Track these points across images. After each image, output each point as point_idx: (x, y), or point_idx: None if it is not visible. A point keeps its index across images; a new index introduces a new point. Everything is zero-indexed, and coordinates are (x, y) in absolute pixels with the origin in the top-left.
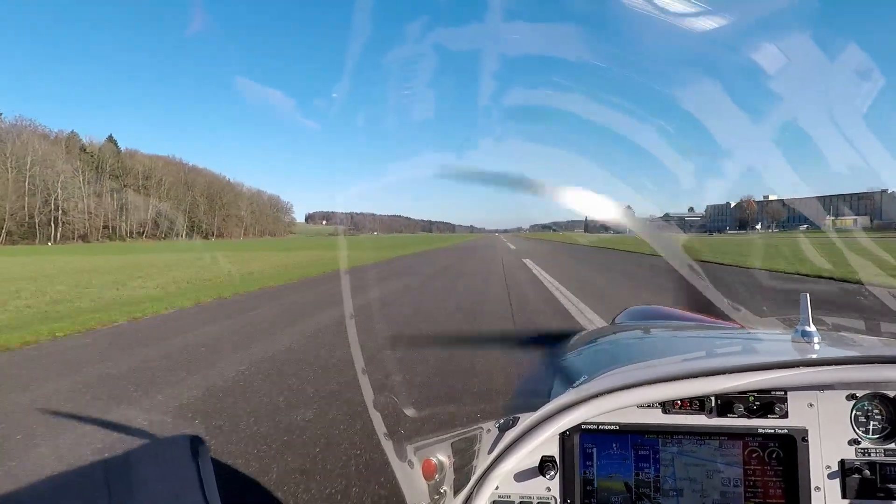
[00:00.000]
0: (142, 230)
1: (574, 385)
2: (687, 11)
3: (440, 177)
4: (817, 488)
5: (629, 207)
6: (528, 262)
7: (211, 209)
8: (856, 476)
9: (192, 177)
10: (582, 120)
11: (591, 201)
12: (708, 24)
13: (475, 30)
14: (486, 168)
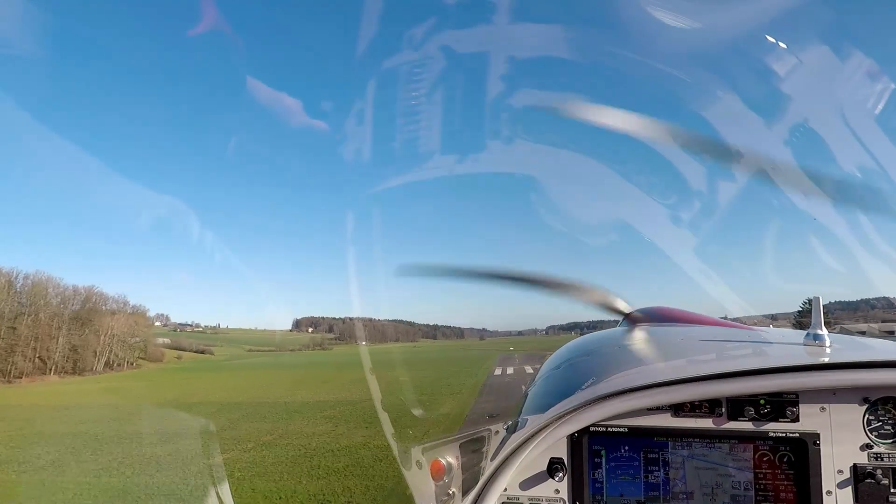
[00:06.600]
0: None
1: (583, 387)
2: (696, 12)
3: (443, 180)
4: (829, 493)
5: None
6: None
7: None
8: (869, 481)
9: None
10: (590, 122)
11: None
12: (718, 25)
13: (483, 32)
14: (494, 169)
